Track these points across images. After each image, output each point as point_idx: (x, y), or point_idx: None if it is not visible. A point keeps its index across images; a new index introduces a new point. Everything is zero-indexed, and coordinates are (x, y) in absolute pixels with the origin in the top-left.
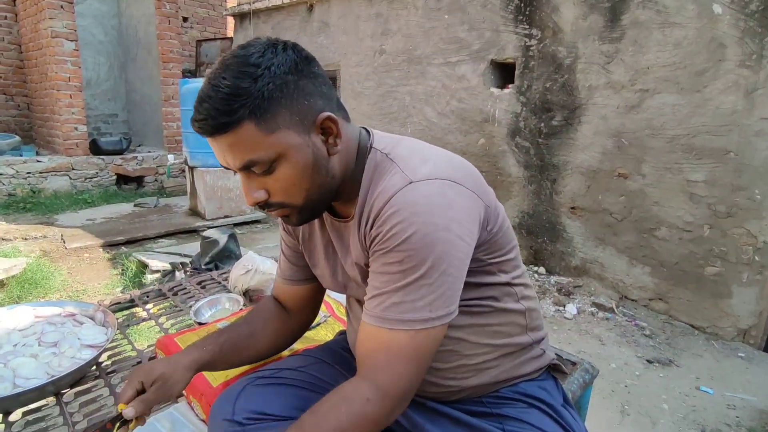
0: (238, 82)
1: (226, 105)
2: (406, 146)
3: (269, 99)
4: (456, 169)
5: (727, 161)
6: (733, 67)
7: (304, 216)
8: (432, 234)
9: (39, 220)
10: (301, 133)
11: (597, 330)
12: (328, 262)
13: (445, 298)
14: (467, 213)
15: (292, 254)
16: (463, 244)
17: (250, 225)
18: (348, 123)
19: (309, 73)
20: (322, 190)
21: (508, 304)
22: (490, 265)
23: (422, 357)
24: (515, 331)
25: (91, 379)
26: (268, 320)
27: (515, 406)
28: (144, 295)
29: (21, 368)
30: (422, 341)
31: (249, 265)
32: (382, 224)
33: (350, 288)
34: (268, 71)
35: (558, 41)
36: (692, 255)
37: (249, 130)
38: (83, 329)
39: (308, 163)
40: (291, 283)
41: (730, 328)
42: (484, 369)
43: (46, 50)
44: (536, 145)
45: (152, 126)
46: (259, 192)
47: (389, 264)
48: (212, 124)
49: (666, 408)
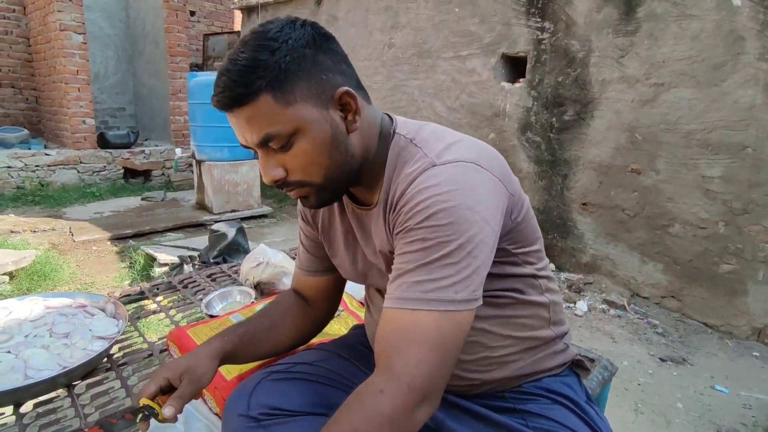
0: (255, 55)
1: (244, 77)
2: (431, 131)
3: (286, 71)
4: (481, 154)
5: (745, 157)
6: (752, 61)
7: (323, 197)
8: (457, 212)
9: (47, 212)
10: (319, 108)
11: (608, 327)
12: (348, 251)
13: (471, 282)
14: (492, 198)
15: (311, 244)
16: (488, 228)
17: (258, 219)
18: (369, 105)
19: (327, 49)
20: (341, 169)
21: (532, 296)
22: (515, 255)
23: (447, 345)
24: (539, 324)
25: (103, 371)
26: (288, 313)
27: (539, 402)
28: (154, 287)
29: (32, 359)
30: (447, 327)
31: (260, 257)
32: (404, 205)
33: (371, 277)
34: (286, 44)
35: (571, 34)
36: (707, 252)
37: (266, 102)
38: (94, 321)
39: (326, 139)
40: (311, 274)
41: (744, 326)
42: (507, 362)
43: (55, 43)
44: (547, 140)
45: (159, 120)
46: (277, 170)
47: (411, 242)
48: (230, 95)
49: (681, 407)
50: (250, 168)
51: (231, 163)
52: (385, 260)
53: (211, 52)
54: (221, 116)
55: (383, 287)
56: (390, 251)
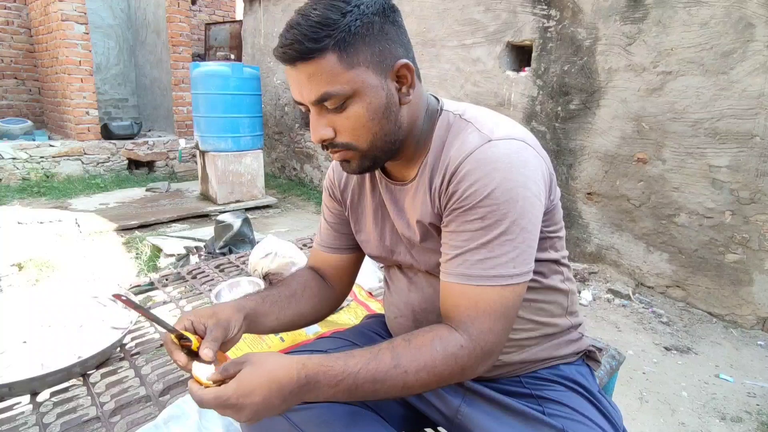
0: (327, 13)
1: (314, 32)
2: (477, 109)
3: (354, 35)
4: (527, 133)
5: (753, 146)
6: (761, 48)
7: (365, 163)
8: (513, 189)
9: (53, 204)
10: (378, 75)
11: (613, 317)
12: (377, 226)
13: (526, 255)
14: (540, 175)
15: (336, 221)
16: (538, 204)
17: (262, 210)
18: (419, 82)
19: (394, 20)
20: (388, 139)
21: (555, 282)
22: (545, 239)
23: (509, 312)
24: (557, 311)
25: (116, 360)
26: (306, 285)
27: (555, 388)
28: (163, 278)
29: (48, 349)
30: (509, 297)
31: (269, 248)
32: (461, 180)
33: (398, 253)
34: (357, 9)
35: (577, 22)
36: (712, 242)
37: (330, 61)
38: (107, 311)
39: (380, 106)
40: (331, 251)
41: (749, 315)
42: (525, 346)
43: (57, 33)
44: (553, 130)
45: (162, 110)
46: (327, 129)
47: (470, 221)
48: (297, 48)
49: (685, 395)
50: (254, 158)
51: (235, 153)
52: (421, 231)
53: (213, 42)
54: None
55: (408, 264)
56: (431, 223)
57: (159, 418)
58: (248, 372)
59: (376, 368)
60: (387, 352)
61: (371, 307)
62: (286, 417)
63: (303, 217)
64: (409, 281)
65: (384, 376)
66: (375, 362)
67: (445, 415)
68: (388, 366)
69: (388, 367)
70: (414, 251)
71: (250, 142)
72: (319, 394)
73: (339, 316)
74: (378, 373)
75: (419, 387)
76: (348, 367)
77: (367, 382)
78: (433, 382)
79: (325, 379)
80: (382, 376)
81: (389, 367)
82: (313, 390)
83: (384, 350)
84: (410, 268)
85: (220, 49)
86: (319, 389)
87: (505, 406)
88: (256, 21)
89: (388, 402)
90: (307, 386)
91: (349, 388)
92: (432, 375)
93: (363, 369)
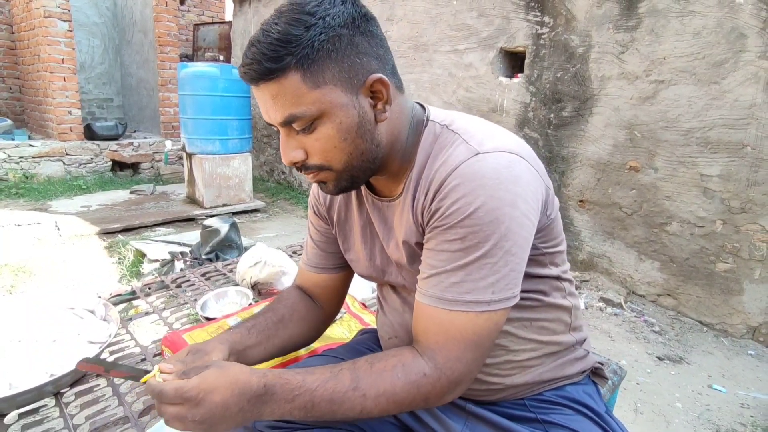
0: (289, 29)
1: (274, 51)
2: (467, 119)
3: (319, 51)
4: (521, 144)
5: (744, 155)
6: (753, 59)
7: (341, 184)
8: (498, 209)
9: (32, 206)
10: (348, 93)
11: (606, 326)
12: (365, 245)
13: (509, 280)
14: (532, 191)
15: (321, 240)
16: (527, 223)
17: (250, 214)
18: (401, 93)
19: (366, 30)
20: (364, 158)
21: (556, 299)
22: (543, 255)
23: (482, 341)
24: (560, 328)
25: (93, 377)
26: (294, 308)
27: (561, 411)
28: (146, 287)
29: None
30: (483, 325)
31: (258, 256)
32: (444, 197)
33: (388, 273)
34: (323, 21)
35: (571, 29)
36: (703, 251)
37: (294, 80)
38: (84, 324)
39: (352, 126)
40: (319, 271)
41: (740, 325)
42: (529, 366)
43: (39, 30)
44: (545, 137)
45: (148, 111)
46: (297, 151)
47: (450, 241)
48: (257, 69)
49: (680, 407)
50: (242, 162)
51: (222, 156)
52: (407, 252)
53: (201, 43)
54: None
55: (400, 284)
56: (416, 242)
57: None
58: (213, 371)
59: (334, 388)
60: (347, 373)
61: (365, 319)
62: None
63: (292, 221)
64: (402, 301)
65: (342, 398)
66: (333, 382)
67: None
68: (346, 387)
69: (347, 388)
70: (404, 273)
71: (239, 144)
72: (275, 408)
73: (332, 330)
74: (336, 393)
75: (378, 412)
76: (306, 383)
77: (324, 401)
78: (392, 409)
79: (282, 391)
80: (340, 397)
81: (348, 388)
82: (269, 402)
83: (345, 370)
84: (404, 288)
85: (208, 50)
86: (275, 402)
87: (509, 431)
88: (246, 22)
89: (385, 425)
90: (265, 396)
91: (305, 405)
92: (391, 402)
93: (320, 387)
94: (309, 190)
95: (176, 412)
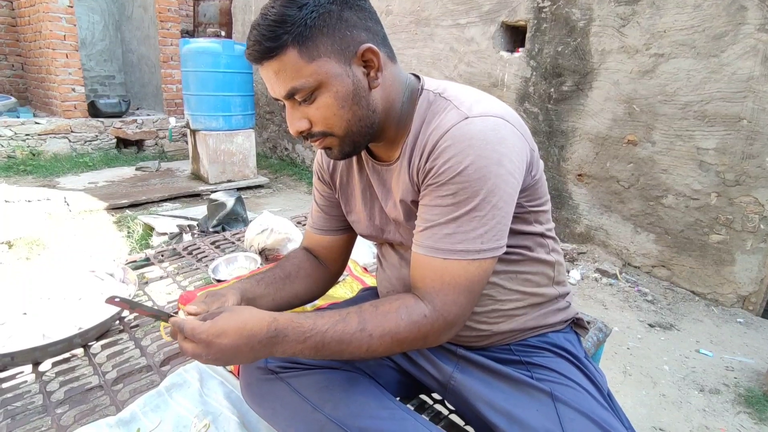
0: (283, 10)
1: (272, 31)
2: (458, 87)
3: (311, 27)
4: (507, 109)
5: (740, 129)
6: (752, 31)
7: (345, 149)
8: (486, 167)
9: (40, 182)
10: (341, 63)
11: (600, 295)
12: (366, 206)
13: (496, 231)
14: (517, 152)
15: (325, 204)
16: (513, 181)
17: (254, 189)
18: (393, 62)
19: (354, 5)
20: (362, 123)
21: (540, 254)
22: (529, 213)
23: (474, 287)
24: (543, 281)
25: (116, 332)
26: (301, 266)
27: (543, 354)
28: (159, 254)
29: (49, 320)
30: (474, 272)
31: (265, 224)
32: (437, 157)
33: (387, 232)
34: (313, 0)
35: (572, 3)
36: (698, 223)
37: (292, 56)
38: (105, 285)
39: (348, 94)
40: (323, 233)
41: (730, 294)
42: (514, 315)
43: (40, 6)
44: (545, 111)
45: (151, 88)
46: (302, 121)
47: (442, 197)
48: (259, 49)
49: (666, 369)
50: (246, 138)
51: (226, 132)
52: (404, 210)
53: (202, 18)
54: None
55: (398, 242)
56: (412, 200)
57: (161, 386)
58: (224, 316)
59: (343, 330)
60: (354, 316)
61: (366, 281)
62: (287, 382)
63: (295, 197)
64: (400, 257)
65: (350, 338)
66: (342, 324)
67: (439, 381)
68: (354, 329)
69: (355, 329)
70: (401, 230)
71: (242, 121)
72: (286, 348)
73: (335, 290)
74: (345, 334)
75: (383, 351)
76: (317, 326)
77: (333, 342)
78: (396, 347)
79: (294, 334)
80: (348, 337)
81: (355, 329)
82: (281, 343)
83: (352, 314)
84: (401, 245)
85: (209, 25)
86: (287, 343)
87: (495, 371)
88: None
89: (384, 368)
90: (276, 338)
91: (315, 345)
92: (395, 340)
93: (330, 329)
94: (312, 166)
95: (192, 349)
